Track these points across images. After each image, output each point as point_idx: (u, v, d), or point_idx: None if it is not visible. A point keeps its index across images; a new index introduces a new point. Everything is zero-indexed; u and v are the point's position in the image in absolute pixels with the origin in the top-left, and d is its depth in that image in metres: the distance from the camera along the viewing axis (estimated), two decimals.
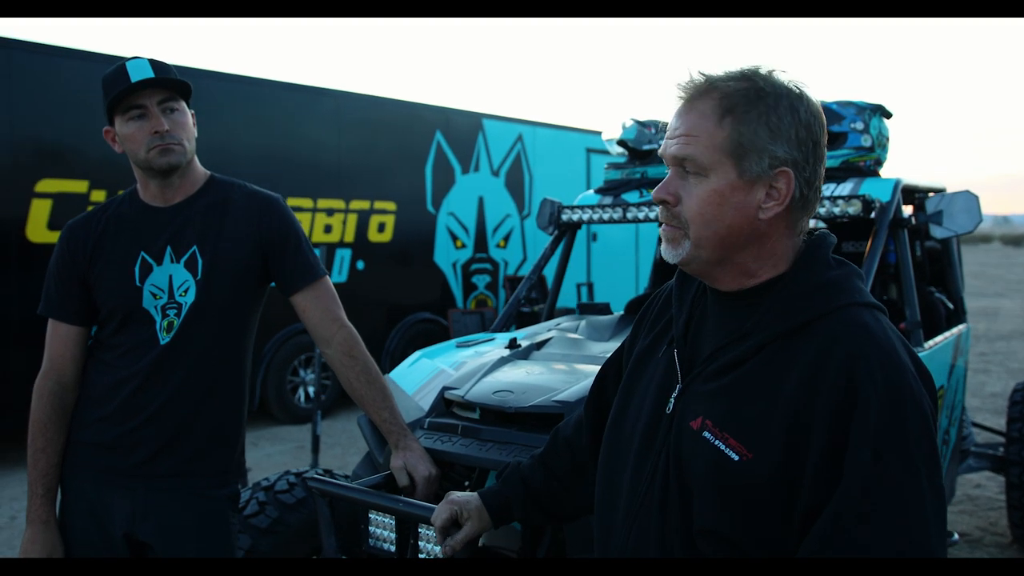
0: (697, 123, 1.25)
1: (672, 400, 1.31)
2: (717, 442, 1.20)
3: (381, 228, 8.65)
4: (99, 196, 6.50)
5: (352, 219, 8.35)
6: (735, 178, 1.23)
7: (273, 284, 2.29)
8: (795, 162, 1.23)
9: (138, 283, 2.13)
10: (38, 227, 6.27)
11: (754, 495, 1.16)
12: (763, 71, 1.26)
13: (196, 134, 2.18)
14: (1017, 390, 4.55)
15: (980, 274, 27.12)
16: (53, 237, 6.27)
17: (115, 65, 2.09)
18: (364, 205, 8.46)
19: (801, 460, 1.13)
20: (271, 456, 6.63)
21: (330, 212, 8.14)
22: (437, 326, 9.10)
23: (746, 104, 1.23)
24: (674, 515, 1.24)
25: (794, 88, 1.25)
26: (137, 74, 2.03)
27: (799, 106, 1.24)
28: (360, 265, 8.40)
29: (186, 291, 2.14)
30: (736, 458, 1.18)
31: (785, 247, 1.28)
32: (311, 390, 8.10)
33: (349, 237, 8.32)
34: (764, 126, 1.22)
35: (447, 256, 9.36)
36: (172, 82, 2.08)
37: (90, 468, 2.15)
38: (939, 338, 3.59)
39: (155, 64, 2.08)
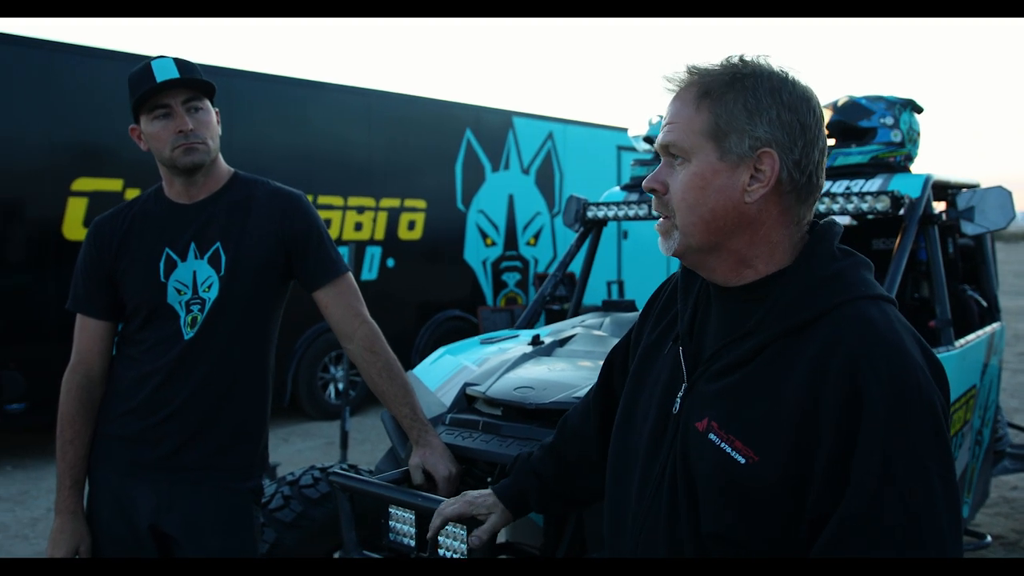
0: (679, 110, 1.25)
1: (678, 400, 1.29)
2: (723, 445, 1.18)
3: (411, 226, 8.69)
4: (133, 194, 6.57)
5: (382, 217, 8.40)
6: (716, 160, 1.22)
7: (296, 280, 2.32)
8: (779, 143, 1.21)
9: (163, 279, 2.16)
10: (74, 225, 6.39)
11: (761, 498, 1.14)
12: (747, 58, 1.25)
13: (220, 132, 2.21)
14: None
15: (1014, 273, 26.55)
16: None
17: (140, 64, 2.12)
18: (394, 203, 8.51)
19: (808, 463, 1.11)
20: (301, 452, 6.69)
21: (360, 210, 8.19)
22: (467, 323, 9.12)
23: (723, 87, 1.22)
24: (683, 518, 1.23)
25: (778, 71, 1.24)
26: (162, 74, 2.06)
27: (781, 87, 1.22)
28: (390, 263, 8.44)
29: (210, 287, 2.16)
30: (742, 461, 1.16)
31: (782, 236, 1.26)
32: (341, 386, 8.17)
33: (379, 235, 8.37)
34: (742, 107, 1.21)
35: (477, 254, 9.38)
36: (196, 82, 2.11)
37: (116, 461, 2.19)
38: (971, 336, 3.53)
39: (180, 63, 2.10)
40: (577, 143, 10.55)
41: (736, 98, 1.21)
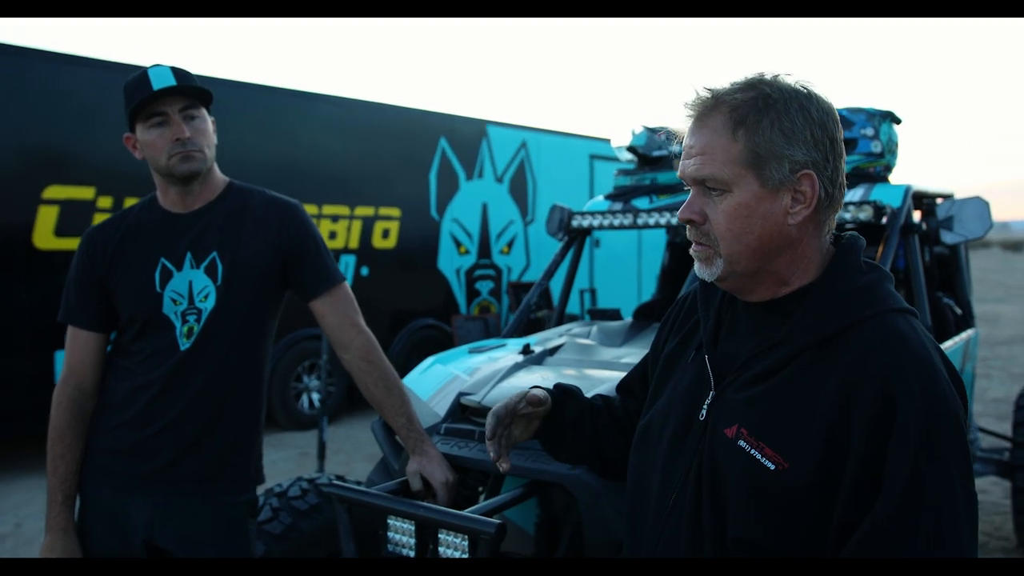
0: (711, 140, 1.24)
1: (705, 407, 1.30)
2: (753, 451, 1.20)
3: (385, 234, 8.66)
4: (105, 203, 6.51)
5: (357, 225, 8.36)
6: (758, 188, 1.23)
7: (292, 290, 2.30)
8: (815, 163, 1.23)
9: (158, 289, 2.14)
10: (45, 233, 6.28)
11: (790, 505, 1.16)
12: (768, 77, 1.25)
13: (216, 141, 2.20)
14: (1023, 395, 4.56)
15: (980, 279, 27.10)
16: (60, 244, 6.29)
17: (136, 72, 2.10)
18: (369, 211, 8.48)
19: (838, 471, 1.13)
20: (276, 463, 6.62)
21: (335, 218, 8.15)
22: (441, 332, 9.10)
23: (756, 113, 1.22)
24: (707, 523, 1.24)
25: (801, 88, 1.25)
26: (159, 81, 2.05)
27: (809, 106, 1.23)
28: (364, 271, 8.41)
29: (206, 297, 2.15)
30: (772, 467, 1.18)
31: (815, 250, 1.28)
32: (315, 396, 8.11)
33: (354, 243, 8.33)
34: (778, 132, 1.21)
35: (451, 262, 9.38)
36: (194, 89, 2.09)
37: (109, 474, 2.15)
38: (948, 343, 3.60)
39: (177, 71, 2.09)
40: (550, 152, 10.59)
41: (771, 124, 1.22)
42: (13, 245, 6.19)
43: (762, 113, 1.22)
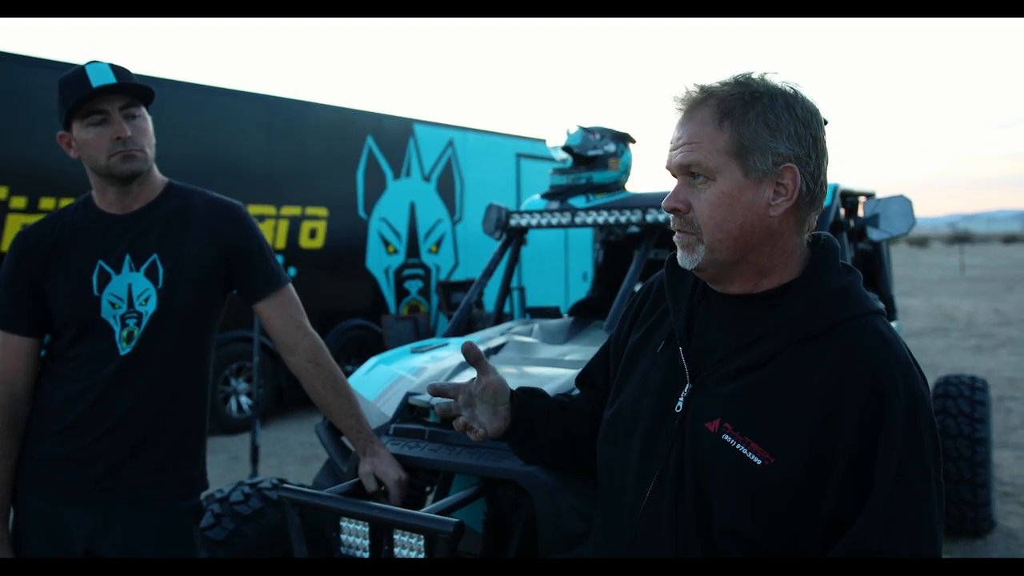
0: (698, 130, 1.29)
1: (682, 399, 1.32)
2: (739, 446, 1.23)
3: (313, 234, 8.54)
4: (19, 203, 6.25)
5: (283, 225, 8.23)
6: (741, 178, 1.27)
7: (235, 292, 2.26)
8: (798, 157, 1.28)
9: (96, 292, 2.07)
10: None
11: (776, 499, 1.20)
12: (755, 75, 1.30)
13: (155, 140, 2.14)
14: (939, 384, 4.76)
15: (902, 275, 28.20)
16: None
17: (73, 69, 2.03)
18: (295, 211, 8.35)
19: (826, 466, 1.17)
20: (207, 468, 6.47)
21: (261, 218, 8.00)
22: (370, 333, 9.02)
23: (743, 106, 1.27)
24: (690, 515, 1.27)
25: (787, 88, 1.30)
26: (98, 79, 1.98)
27: (794, 104, 1.28)
28: (292, 271, 8.27)
29: (146, 300, 2.09)
30: (759, 462, 1.21)
31: (795, 245, 1.33)
32: (244, 400, 7.95)
33: (280, 243, 8.20)
34: (763, 125, 1.26)
35: (379, 262, 9.30)
36: (135, 87, 2.04)
37: (45, 483, 2.08)
38: None
39: (116, 69, 2.03)
40: (477, 150, 10.60)
41: (757, 117, 1.26)
42: None
43: (748, 106, 1.27)
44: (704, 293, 1.41)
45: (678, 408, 1.33)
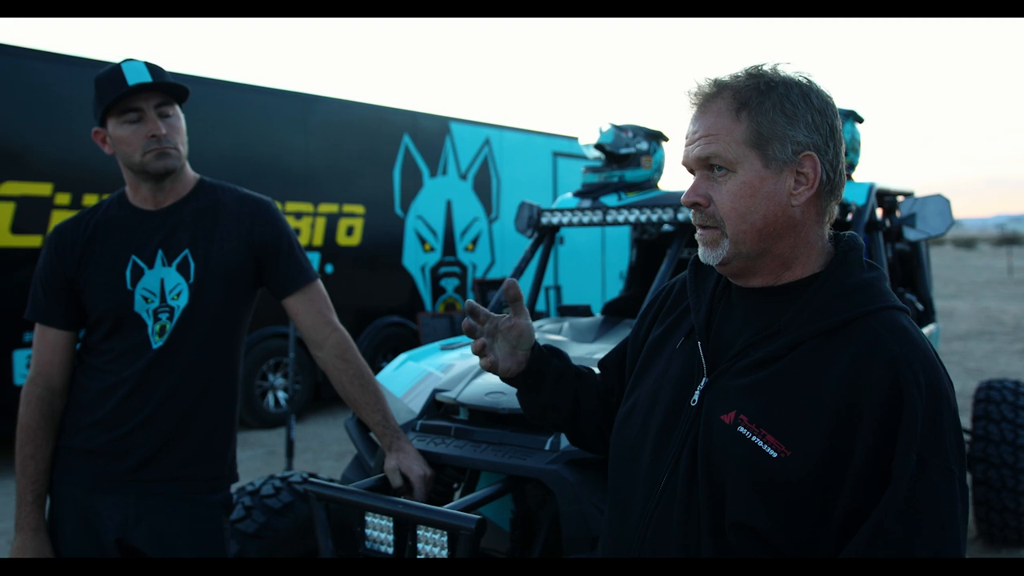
0: (715, 122, 1.28)
1: (697, 392, 1.31)
2: (754, 438, 1.21)
3: (350, 231, 8.61)
4: (63, 199, 6.38)
5: (321, 222, 8.30)
6: (761, 168, 1.26)
7: (265, 287, 2.29)
8: (817, 146, 1.26)
9: (129, 287, 2.11)
10: (1, 230, 6.14)
11: (791, 492, 1.18)
12: (767, 67, 1.29)
13: (187, 138, 2.18)
14: (981, 388, 4.67)
15: (934, 276, 27.67)
16: (16, 241, 6.16)
17: (109, 67, 2.07)
18: (333, 208, 8.42)
19: (843, 460, 1.15)
20: (243, 462, 6.56)
21: (299, 215, 8.09)
22: (406, 330, 9.07)
23: (759, 96, 1.26)
24: (703, 507, 1.25)
25: (801, 78, 1.29)
26: (134, 77, 2.02)
27: (809, 93, 1.28)
28: (329, 269, 8.35)
29: (178, 295, 2.12)
30: (774, 455, 1.19)
31: (817, 236, 1.31)
32: (281, 395, 8.04)
33: (318, 240, 8.27)
34: (780, 113, 1.25)
35: (416, 259, 9.35)
36: (169, 86, 2.07)
37: (80, 474, 2.12)
38: None
39: (151, 67, 2.06)
40: (514, 149, 10.60)
41: (774, 106, 1.25)
42: None
43: (764, 96, 1.26)
44: (726, 289, 1.41)
45: (693, 401, 1.32)
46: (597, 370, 1.76)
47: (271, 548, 2.63)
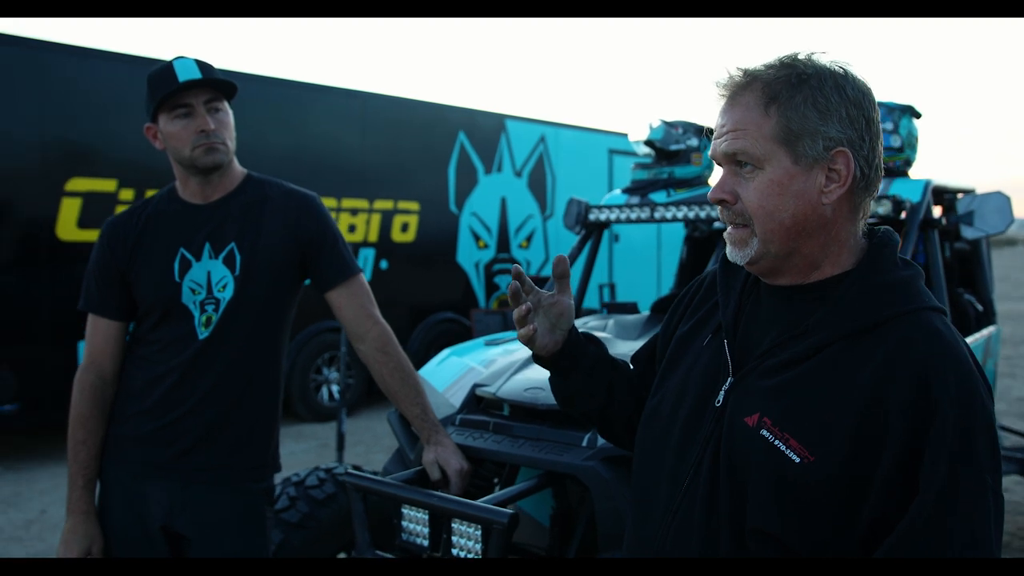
0: (743, 116, 1.23)
1: (723, 392, 1.28)
2: (777, 442, 1.17)
3: (404, 228, 8.69)
4: (127, 195, 6.58)
5: (376, 219, 8.40)
6: (791, 165, 1.20)
7: (308, 281, 2.32)
8: (850, 141, 1.20)
9: (177, 279, 2.16)
10: (68, 225, 6.35)
11: (812, 498, 1.14)
12: (802, 56, 1.23)
13: (235, 134, 2.22)
14: None
15: (1005, 278, 26.80)
16: (83, 235, 6.36)
17: (161, 64, 2.12)
18: (388, 205, 8.51)
19: (869, 467, 1.10)
20: (295, 454, 6.68)
21: (354, 212, 8.19)
22: (459, 326, 9.12)
23: (789, 89, 1.20)
24: (723, 510, 1.22)
25: (837, 68, 1.23)
26: (185, 74, 2.07)
27: (844, 84, 1.21)
28: (384, 265, 8.44)
29: (224, 287, 2.17)
30: (797, 460, 1.15)
31: (849, 234, 1.25)
32: (335, 388, 8.16)
33: (373, 237, 8.37)
34: (812, 108, 1.19)
35: (470, 256, 9.39)
36: (218, 82, 2.12)
37: (129, 461, 2.19)
38: (969, 339, 3.57)
39: (201, 64, 2.11)
40: (569, 146, 10.58)
41: (805, 100, 1.20)
42: (37, 237, 6.29)
43: (795, 89, 1.20)
44: (755, 286, 1.36)
45: (718, 402, 1.28)
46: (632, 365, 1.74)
47: (314, 538, 2.68)
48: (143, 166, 6.52)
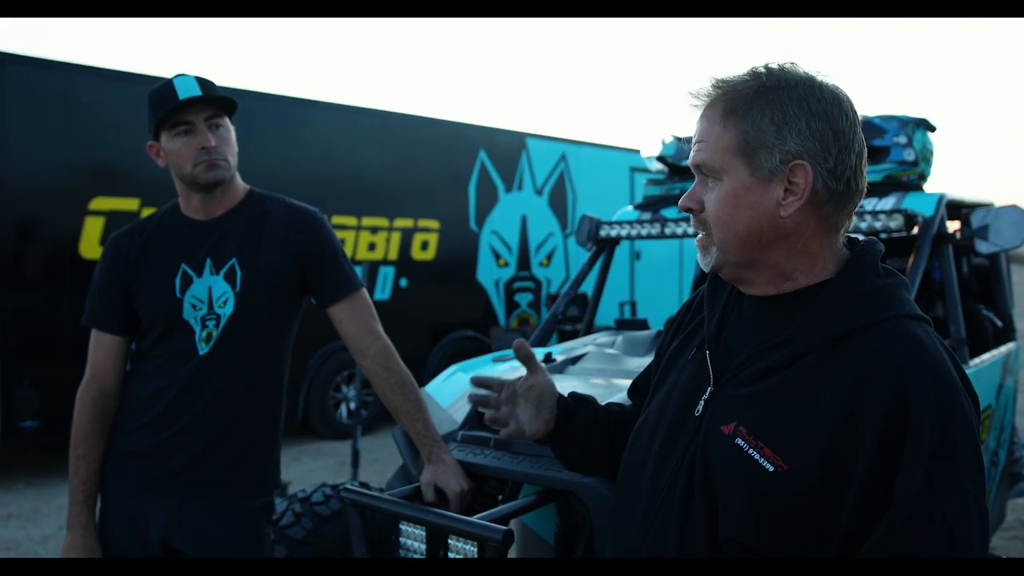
0: (706, 128, 1.25)
1: (702, 402, 1.27)
2: (751, 451, 1.16)
3: (424, 246, 8.72)
4: (149, 213, 6.65)
5: (396, 237, 8.43)
6: (747, 177, 1.21)
7: (311, 297, 2.33)
8: (812, 154, 1.19)
9: (178, 294, 2.18)
10: (91, 244, 6.44)
11: (786, 508, 1.12)
12: (773, 66, 1.23)
13: (237, 149, 2.24)
14: None
15: None
16: None
17: (161, 82, 2.15)
18: (408, 223, 8.54)
19: (844, 476, 1.09)
20: (313, 471, 6.69)
21: (374, 230, 8.23)
22: (480, 344, 9.11)
23: (747, 102, 1.21)
24: (698, 521, 1.21)
25: (805, 78, 1.22)
26: (185, 91, 2.09)
27: (809, 95, 1.20)
28: (403, 283, 8.47)
29: (225, 303, 2.18)
30: (771, 469, 1.13)
31: (822, 246, 1.24)
32: (353, 406, 8.17)
33: (393, 255, 8.40)
34: (768, 121, 1.19)
35: (490, 274, 9.40)
36: (218, 99, 2.14)
37: (128, 476, 2.19)
38: (986, 356, 3.50)
39: (201, 81, 2.13)
40: (590, 164, 10.58)
41: (763, 113, 1.20)
42: (61, 255, 6.38)
43: (753, 102, 1.20)
44: (739, 299, 1.36)
45: (697, 411, 1.27)
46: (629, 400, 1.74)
47: (318, 555, 2.67)
48: (165, 185, 6.50)
